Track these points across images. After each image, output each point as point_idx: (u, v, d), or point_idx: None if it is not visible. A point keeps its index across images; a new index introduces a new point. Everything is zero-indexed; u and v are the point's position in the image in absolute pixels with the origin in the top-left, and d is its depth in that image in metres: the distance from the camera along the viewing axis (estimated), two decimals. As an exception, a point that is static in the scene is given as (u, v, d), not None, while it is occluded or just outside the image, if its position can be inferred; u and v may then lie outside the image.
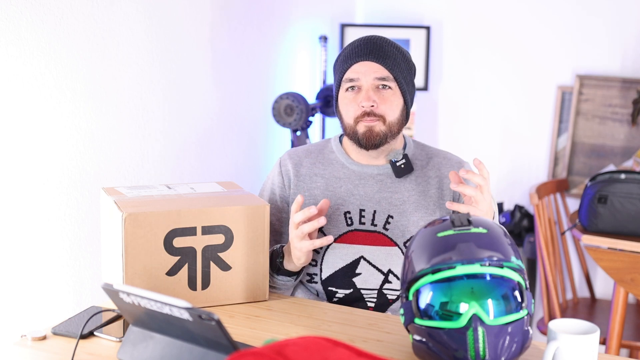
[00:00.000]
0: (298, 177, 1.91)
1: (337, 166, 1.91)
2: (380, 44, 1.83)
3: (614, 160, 3.25)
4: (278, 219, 1.92)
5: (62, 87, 2.12)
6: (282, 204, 1.92)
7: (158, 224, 1.59)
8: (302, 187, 1.90)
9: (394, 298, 1.84)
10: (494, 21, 3.44)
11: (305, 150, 1.96)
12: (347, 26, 3.49)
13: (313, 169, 1.91)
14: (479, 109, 3.51)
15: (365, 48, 1.82)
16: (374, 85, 1.81)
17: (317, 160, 1.93)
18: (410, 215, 1.84)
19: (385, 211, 1.84)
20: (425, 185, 1.87)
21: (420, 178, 1.88)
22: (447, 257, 1.34)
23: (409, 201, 1.85)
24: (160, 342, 1.37)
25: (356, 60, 1.82)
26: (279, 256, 1.81)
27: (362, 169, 1.89)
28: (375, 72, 1.80)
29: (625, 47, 3.24)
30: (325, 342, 1.11)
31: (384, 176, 1.88)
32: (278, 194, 1.92)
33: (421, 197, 1.86)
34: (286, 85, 3.28)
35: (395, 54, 1.83)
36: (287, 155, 1.96)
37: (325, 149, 1.95)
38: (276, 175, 1.94)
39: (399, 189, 1.86)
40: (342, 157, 1.91)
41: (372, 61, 1.81)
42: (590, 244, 2.56)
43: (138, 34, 2.39)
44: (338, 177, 1.89)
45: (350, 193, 1.87)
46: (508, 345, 1.32)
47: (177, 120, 2.60)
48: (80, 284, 2.21)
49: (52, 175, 2.11)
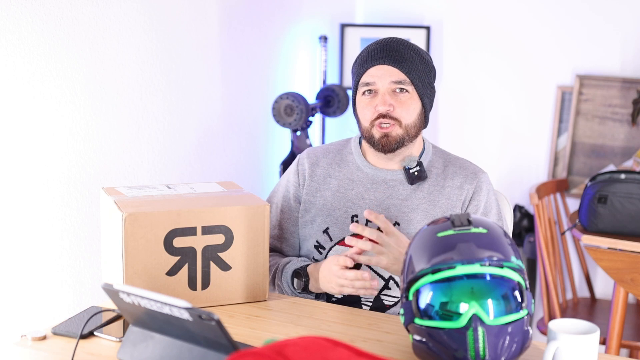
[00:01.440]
0: (312, 178, 1.91)
1: (353, 168, 1.90)
2: (397, 47, 1.81)
3: (614, 160, 3.25)
4: (289, 218, 1.93)
5: (62, 87, 2.12)
6: (295, 202, 1.93)
7: (158, 224, 1.59)
8: (315, 187, 1.90)
9: (391, 304, 1.83)
10: (494, 21, 3.44)
11: (324, 150, 1.96)
12: (347, 26, 3.49)
13: (328, 170, 1.91)
14: (479, 108, 3.51)
15: (382, 51, 1.81)
16: (391, 88, 1.80)
17: (334, 160, 1.92)
18: (417, 224, 1.83)
19: (393, 218, 1.84)
20: (437, 195, 1.85)
21: (432, 187, 1.85)
22: (447, 257, 1.34)
23: (417, 209, 1.84)
24: (160, 342, 1.37)
25: (372, 64, 1.81)
26: (304, 276, 1.81)
27: (375, 173, 1.88)
28: (391, 75, 1.79)
29: (625, 47, 3.24)
30: (325, 342, 1.11)
31: (397, 182, 1.86)
32: (292, 192, 1.93)
33: (430, 206, 1.84)
34: (286, 85, 3.28)
35: (412, 56, 1.81)
36: (305, 154, 1.96)
37: (344, 149, 1.95)
38: (292, 173, 1.95)
39: (410, 196, 1.85)
40: (358, 159, 1.91)
41: (389, 65, 1.79)
42: (590, 244, 2.56)
43: (138, 34, 2.39)
44: (351, 179, 1.89)
45: (360, 197, 1.86)
46: (508, 345, 1.32)
47: (177, 120, 2.60)
48: (80, 284, 2.21)
49: (52, 175, 2.11)
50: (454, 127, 3.56)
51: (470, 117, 3.53)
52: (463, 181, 1.85)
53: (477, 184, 1.85)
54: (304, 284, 1.80)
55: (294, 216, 1.93)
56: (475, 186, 1.85)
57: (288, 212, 1.93)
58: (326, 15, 3.52)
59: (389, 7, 3.58)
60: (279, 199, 1.96)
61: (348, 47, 3.51)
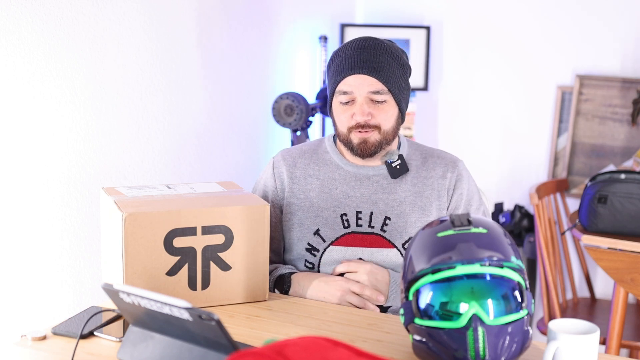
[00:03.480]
0: (292, 180, 1.89)
1: (332, 167, 1.89)
2: (374, 54, 1.78)
3: (614, 160, 3.25)
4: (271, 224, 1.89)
5: (62, 87, 2.12)
6: (274, 208, 1.90)
7: (158, 224, 1.59)
8: (297, 189, 1.88)
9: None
10: (494, 21, 3.44)
11: (299, 151, 1.94)
12: (347, 26, 3.50)
13: (307, 170, 1.89)
14: (479, 109, 3.51)
15: (359, 59, 1.78)
16: (368, 97, 1.79)
17: (312, 160, 1.91)
18: (408, 216, 1.83)
19: (383, 213, 1.84)
20: (422, 186, 1.86)
21: (416, 179, 1.87)
22: (447, 257, 1.34)
23: (405, 202, 1.84)
24: (160, 342, 1.37)
25: (350, 73, 1.78)
26: (286, 283, 1.82)
27: (357, 170, 1.88)
28: (369, 85, 1.78)
29: (625, 47, 3.24)
30: (325, 342, 1.11)
31: (380, 177, 1.87)
32: (270, 197, 1.90)
33: (418, 197, 1.85)
34: (286, 85, 3.28)
35: (389, 62, 1.79)
36: (280, 157, 1.93)
37: (319, 149, 1.93)
38: (269, 177, 1.92)
39: (396, 189, 1.86)
40: (336, 157, 1.90)
41: (366, 74, 1.77)
42: (590, 244, 2.56)
43: (138, 34, 2.39)
44: (333, 178, 1.88)
45: (346, 195, 1.86)
46: (508, 345, 1.32)
47: (177, 120, 2.60)
48: (80, 284, 2.21)
49: (52, 175, 2.11)
50: (454, 127, 3.56)
51: (470, 117, 3.53)
52: (445, 170, 1.87)
53: (458, 172, 1.89)
54: (284, 290, 1.82)
55: (273, 222, 1.89)
56: (457, 174, 1.88)
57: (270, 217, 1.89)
58: (326, 15, 3.52)
59: (389, 7, 3.58)
60: None
61: (348, 47, 3.51)
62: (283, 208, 1.89)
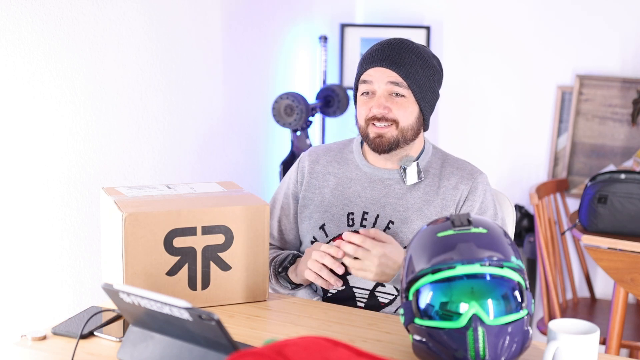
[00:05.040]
0: (311, 175, 1.93)
1: (352, 167, 1.92)
2: (397, 50, 1.80)
3: (614, 160, 3.25)
4: (287, 215, 1.96)
5: (62, 87, 2.12)
6: (293, 200, 1.96)
7: (158, 224, 1.59)
8: (314, 184, 1.92)
9: (386, 302, 1.83)
10: (494, 21, 3.44)
11: (326, 149, 1.98)
12: (347, 26, 3.50)
13: (328, 167, 1.93)
14: (479, 108, 3.51)
15: (381, 53, 1.80)
16: (387, 90, 1.80)
17: (334, 159, 1.94)
18: (411, 223, 1.83)
19: (388, 216, 1.84)
20: (433, 195, 1.85)
21: (428, 187, 1.86)
22: (447, 257, 1.34)
23: (412, 209, 1.84)
24: (160, 342, 1.37)
25: (372, 65, 1.81)
26: (289, 260, 1.83)
27: (373, 172, 1.89)
28: (388, 76, 1.79)
29: (625, 47, 3.24)
30: (325, 342, 1.11)
31: (393, 181, 1.87)
32: (291, 189, 1.96)
33: (425, 206, 1.84)
34: (286, 85, 3.28)
35: (412, 60, 1.80)
36: (307, 152, 1.98)
37: (346, 149, 1.96)
38: (293, 170, 1.98)
39: (406, 195, 1.85)
40: (358, 158, 1.92)
41: (386, 67, 1.79)
42: (590, 244, 2.56)
43: (138, 34, 2.39)
44: (350, 177, 1.90)
45: (357, 195, 1.88)
46: (508, 345, 1.32)
47: (177, 120, 2.60)
48: (80, 284, 2.22)
49: (52, 175, 2.11)
50: (454, 127, 3.56)
51: (471, 117, 3.53)
52: (458, 182, 1.85)
53: (473, 184, 1.85)
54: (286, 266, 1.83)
55: (291, 214, 1.96)
56: (471, 187, 1.84)
57: (287, 209, 1.96)
58: (326, 15, 3.52)
59: (389, 7, 3.58)
60: (281, 196, 1.99)
61: (348, 47, 3.51)
62: (299, 201, 1.94)
